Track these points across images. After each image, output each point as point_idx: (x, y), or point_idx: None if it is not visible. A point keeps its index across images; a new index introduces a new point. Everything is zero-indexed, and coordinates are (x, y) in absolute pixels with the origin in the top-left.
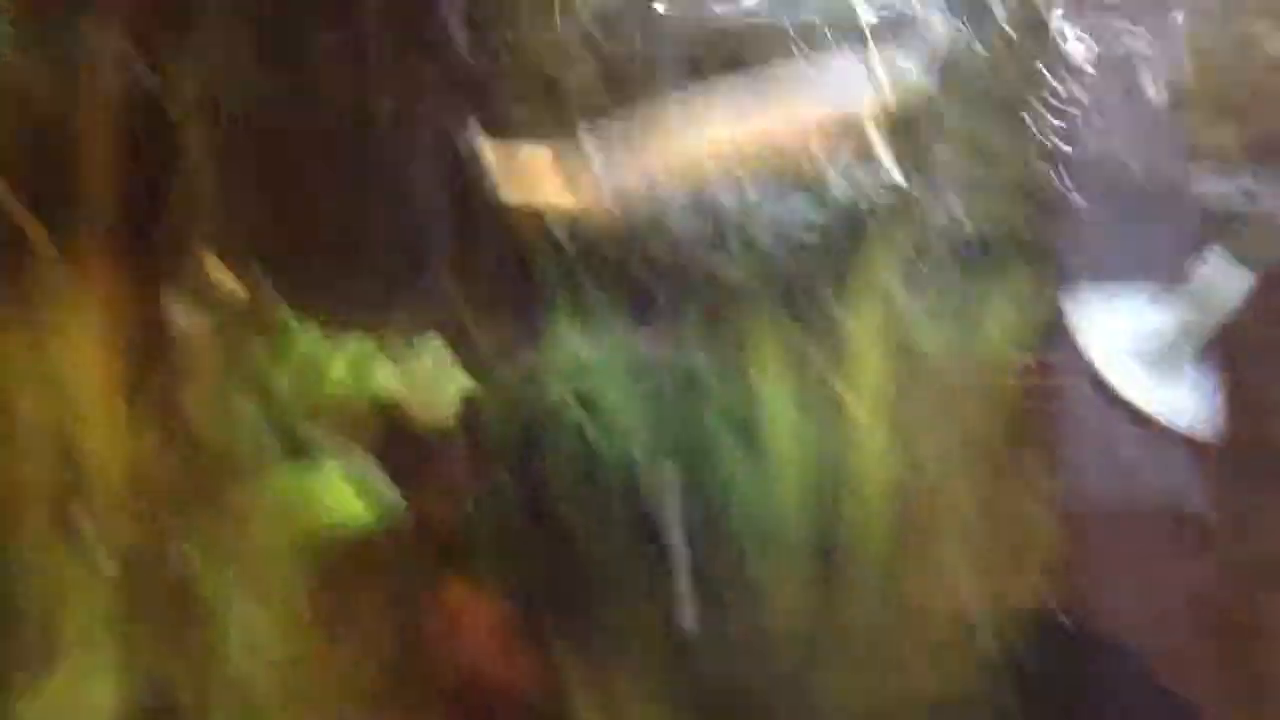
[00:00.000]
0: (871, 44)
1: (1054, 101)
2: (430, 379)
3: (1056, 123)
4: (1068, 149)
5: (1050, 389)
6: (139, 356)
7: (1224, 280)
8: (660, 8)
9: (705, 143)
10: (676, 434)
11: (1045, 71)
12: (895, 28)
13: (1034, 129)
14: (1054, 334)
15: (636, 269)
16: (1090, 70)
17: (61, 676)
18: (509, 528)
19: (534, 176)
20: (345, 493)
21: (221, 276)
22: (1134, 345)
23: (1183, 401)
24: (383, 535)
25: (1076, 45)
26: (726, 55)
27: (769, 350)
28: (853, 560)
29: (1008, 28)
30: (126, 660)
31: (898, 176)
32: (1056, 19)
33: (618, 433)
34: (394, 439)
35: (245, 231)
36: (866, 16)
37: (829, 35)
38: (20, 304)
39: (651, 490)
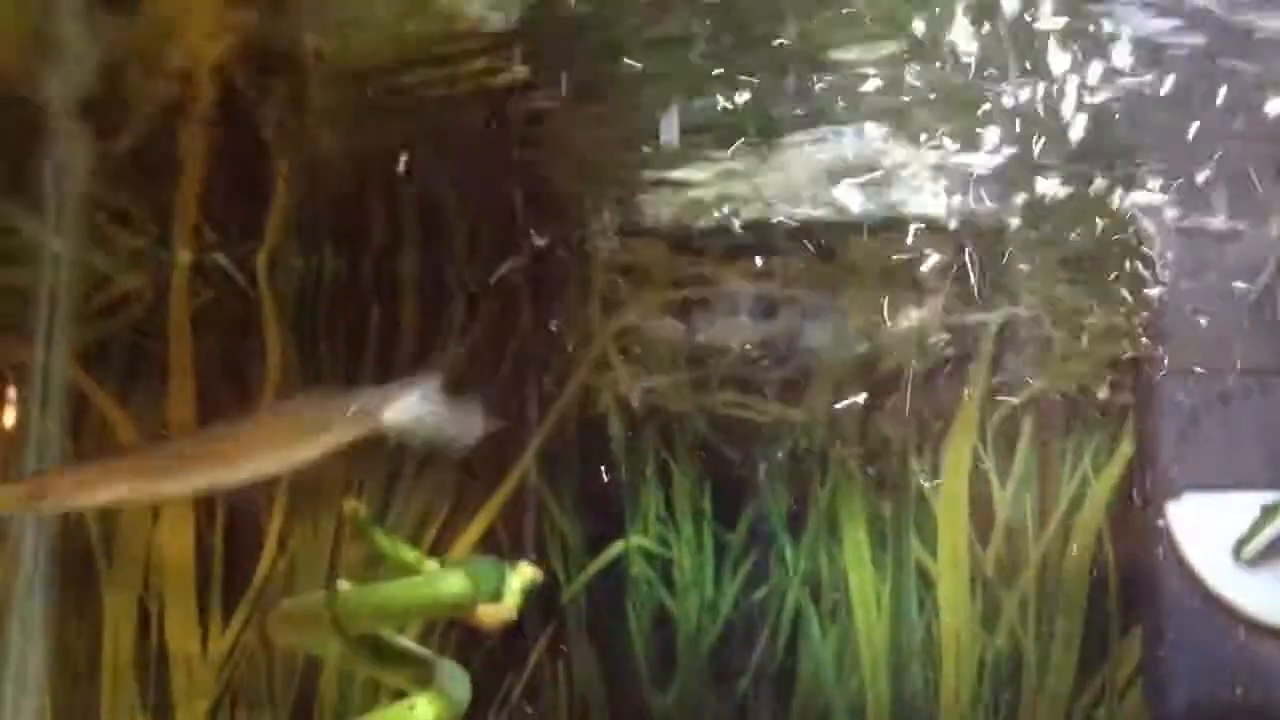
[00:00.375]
0: None
1: (1143, 272)
2: (498, 577)
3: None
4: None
5: (1140, 571)
6: (228, 551)
7: None
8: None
9: None
10: (757, 604)
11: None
12: None
13: (1123, 298)
14: (1148, 526)
15: (718, 441)
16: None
17: None
18: (595, 701)
19: None
20: (422, 703)
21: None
22: (1236, 548)
23: (1276, 597)
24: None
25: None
26: None
27: (853, 519)
28: None
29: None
30: None
31: None
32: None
33: (696, 602)
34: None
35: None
36: None
37: None
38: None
39: (733, 660)
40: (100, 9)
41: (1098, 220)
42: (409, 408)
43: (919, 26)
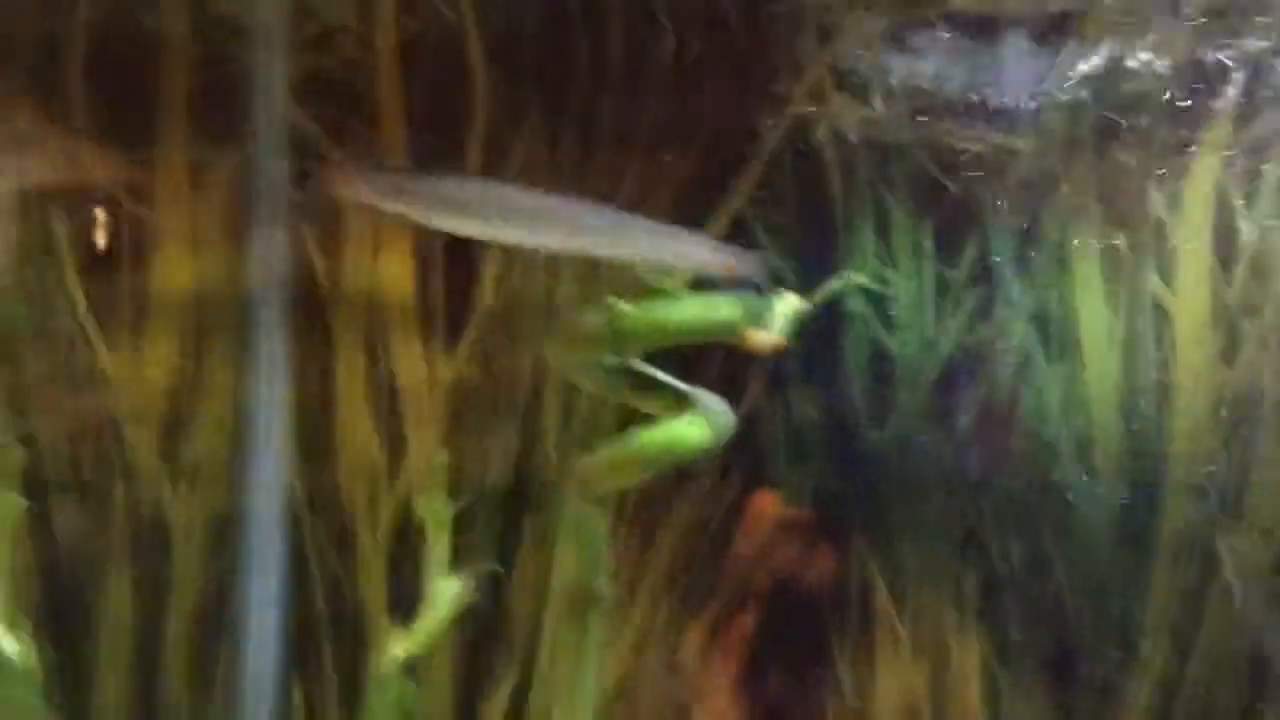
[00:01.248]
0: None
1: None
2: (764, 305)
3: None
4: None
5: None
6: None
7: None
8: None
9: None
10: (977, 339)
11: None
12: None
13: None
14: None
15: (939, 172)
16: None
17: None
18: (810, 437)
19: None
20: (693, 423)
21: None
22: None
23: None
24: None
25: None
26: None
27: (1084, 252)
28: (1169, 472)
29: None
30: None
31: None
32: None
33: (915, 341)
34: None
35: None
36: None
37: None
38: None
39: (952, 399)
40: None
41: None
42: None
43: None
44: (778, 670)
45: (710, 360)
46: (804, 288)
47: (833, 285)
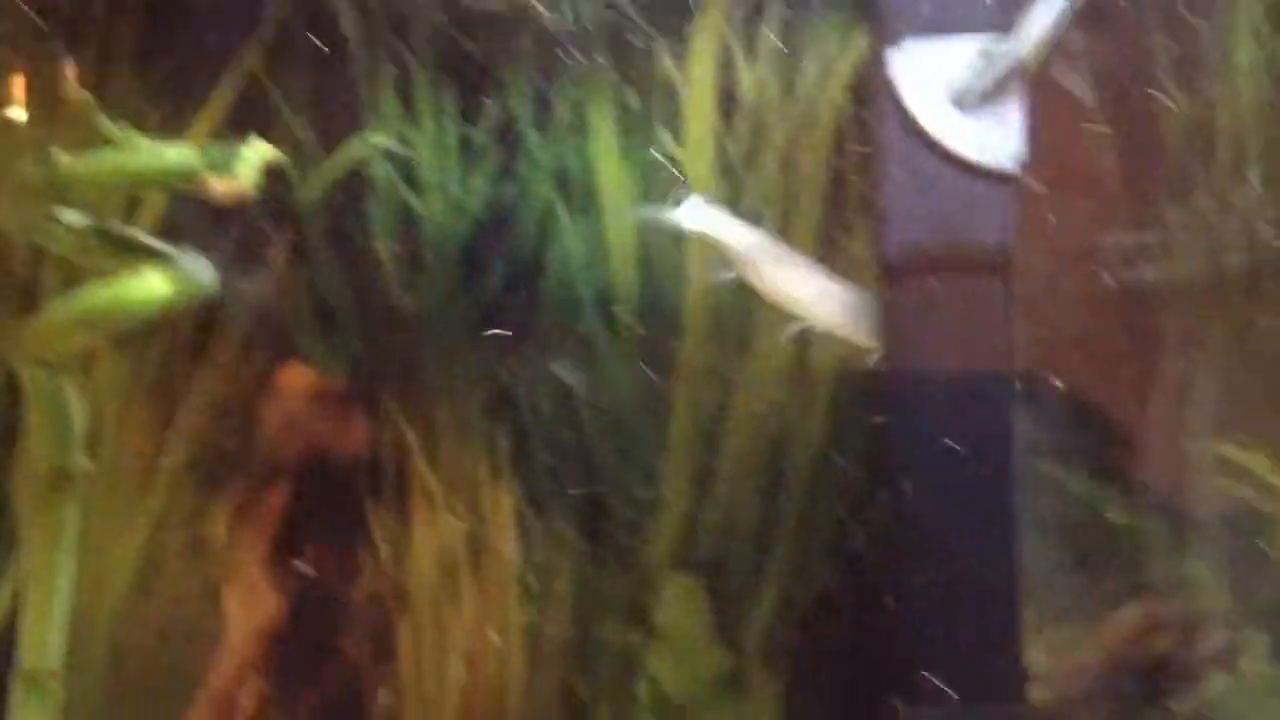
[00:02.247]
0: None
1: None
2: (229, 152)
3: None
4: None
5: (871, 138)
6: None
7: (1043, 13)
8: None
9: None
10: (502, 198)
11: None
12: None
13: None
14: (874, 84)
15: (458, 33)
16: None
17: None
18: (334, 305)
19: None
20: (153, 279)
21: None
22: (952, 91)
23: (994, 139)
24: (214, 322)
25: None
26: None
27: (600, 112)
28: (683, 318)
29: None
30: None
31: None
32: None
33: (441, 202)
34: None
35: None
36: None
37: None
38: None
39: (481, 258)
40: None
41: None
42: None
43: None
44: (312, 541)
45: (229, 227)
46: (325, 151)
47: (352, 148)
